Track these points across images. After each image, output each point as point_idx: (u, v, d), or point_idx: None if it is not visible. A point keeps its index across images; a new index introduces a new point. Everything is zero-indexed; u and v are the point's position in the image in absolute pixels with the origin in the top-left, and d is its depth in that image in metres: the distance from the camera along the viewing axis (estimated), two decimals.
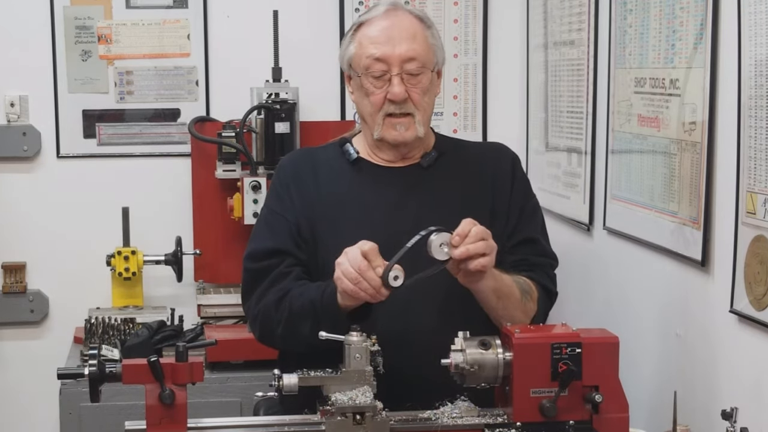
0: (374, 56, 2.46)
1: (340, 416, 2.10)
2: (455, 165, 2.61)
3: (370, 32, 2.49)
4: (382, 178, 2.57)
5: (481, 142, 2.75)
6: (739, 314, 2.37)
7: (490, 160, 2.64)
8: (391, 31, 2.48)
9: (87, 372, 2.07)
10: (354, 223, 2.50)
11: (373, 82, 2.48)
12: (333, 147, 2.67)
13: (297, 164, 2.64)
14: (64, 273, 4.07)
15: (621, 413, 2.14)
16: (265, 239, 2.56)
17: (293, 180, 2.60)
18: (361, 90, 2.53)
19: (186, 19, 4.07)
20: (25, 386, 4.09)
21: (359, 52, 2.50)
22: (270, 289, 2.48)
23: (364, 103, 2.53)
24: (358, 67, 2.51)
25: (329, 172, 2.60)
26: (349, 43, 2.54)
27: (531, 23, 3.99)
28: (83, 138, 4.07)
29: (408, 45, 2.47)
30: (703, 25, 2.55)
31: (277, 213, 2.58)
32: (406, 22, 2.50)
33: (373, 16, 2.52)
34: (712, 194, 2.53)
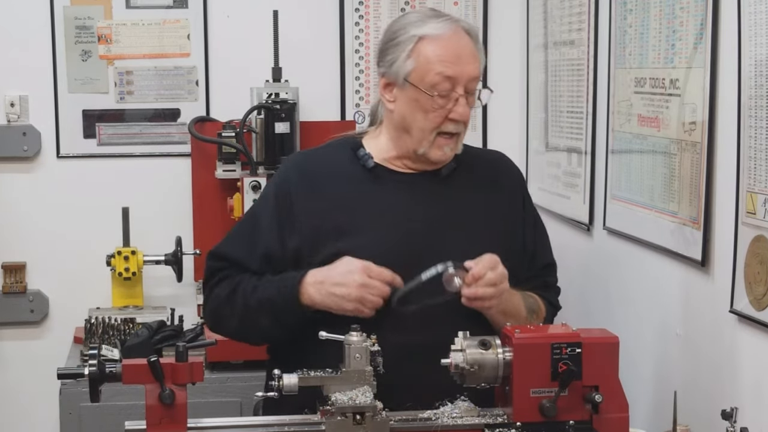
0: (444, 74, 2.41)
1: (340, 416, 2.10)
2: (471, 175, 2.59)
3: (437, 50, 2.42)
4: (400, 186, 2.54)
5: (484, 149, 2.73)
6: (739, 314, 2.37)
7: (502, 172, 2.66)
8: (460, 49, 2.44)
9: (87, 372, 2.07)
10: (371, 233, 2.48)
11: (437, 100, 2.43)
12: (343, 150, 2.59)
13: (304, 173, 2.57)
14: (64, 273, 4.07)
15: (621, 413, 2.14)
16: (233, 246, 2.58)
17: (299, 191, 2.53)
18: (414, 103, 2.45)
19: (186, 19, 4.07)
20: (25, 386, 4.09)
21: (425, 67, 2.42)
22: (220, 284, 2.56)
23: (416, 117, 2.46)
24: (419, 82, 2.43)
25: (343, 179, 2.54)
26: (407, 57, 2.44)
27: (531, 23, 3.99)
28: (83, 138, 4.07)
29: (474, 65, 2.45)
30: (703, 25, 2.55)
31: (256, 223, 2.56)
32: (467, 40, 2.47)
33: (438, 33, 2.44)
34: (712, 194, 2.53)
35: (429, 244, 2.44)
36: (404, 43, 2.46)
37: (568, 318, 2.44)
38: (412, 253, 2.41)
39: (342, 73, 4.14)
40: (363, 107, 4.16)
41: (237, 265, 2.55)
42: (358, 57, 4.13)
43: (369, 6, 4.12)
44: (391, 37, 2.49)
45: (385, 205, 2.51)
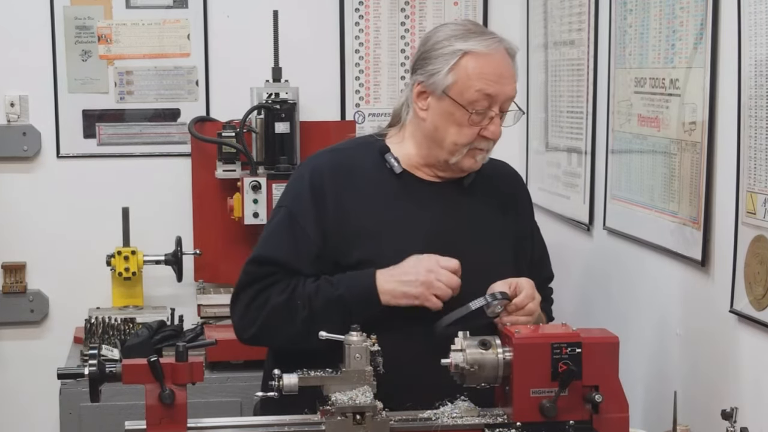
0: (485, 92, 2.41)
1: (340, 416, 2.10)
2: (488, 185, 2.61)
3: (480, 67, 2.42)
4: (425, 194, 2.54)
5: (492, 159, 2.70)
6: (739, 314, 2.37)
7: (512, 185, 2.69)
8: (501, 68, 2.44)
9: (87, 372, 2.06)
10: (395, 239, 2.47)
11: (474, 117, 2.43)
12: (372, 153, 2.56)
13: (337, 171, 2.53)
14: (64, 273, 4.07)
15: (621, 413, 2.14)
16: (277, 248, 2.49)
17: (331, 189, 2.50)
18: (449, 116, 2.44)
19: (186, 19, 4.07)
20: (25, 386, 4.09)
21: (466, 83, 2.41)
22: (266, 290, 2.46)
23: (449, 130, 2.45)
24: (459, 97, 2.42)
25: (372, 184, 2.53)
26: (449, 70, 2.42)
27: (531, 23, 3.99)
28: (83, 138, 4.08)
29: (512, 85, 2.47)
30: (703, 25, 2.55)
31: (298, 223, 2.49)
32: (509, 60, 2.48)
33: (483, 50, 2.43)
34: (712, 194, 2.53)
35: (451, 254, 2.44)
36: (448, 55, 2.44)
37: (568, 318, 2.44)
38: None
39: (342, 73, 4.14)
40: (363, 107, 4.16)
41: (286, 269, 2.47)
42: (358, 57, 4.13)
43: (369, 6, 4.12)
44: (434, 47, 2.47)
45: (410, 213, 2.51)
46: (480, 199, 2.58)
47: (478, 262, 2.47)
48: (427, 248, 2.44)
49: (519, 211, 2.66)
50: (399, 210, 2.51)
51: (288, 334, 2.45)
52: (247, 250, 3.85)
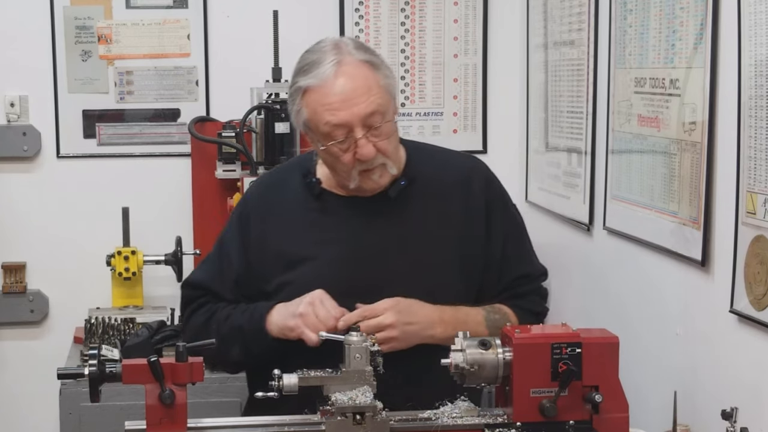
0: (332, 123, 2.33)
1: (340, 416, 2.10)
2: (424, 192, 2.50)
3: (322, 99, 2.33)
4: (347, 212, 2.49)
5: (451, 154, 2.63)
6: (739, 314, 2.37)
7: (464, 184, 2.54)
8: (345, 91, 2.32)
9: (87, 372, 2.06)
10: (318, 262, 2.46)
11: (337, 146, 2.35)
12: (296, 174, 2.55)
13: (262, 198, 2.56)
14: (64, 273, 4.07)
15: (621, 413, 2.14)
16: (205, 274, 2.59)
17: (257, 215, 2.53)
18: (324, 150, 2.40)
19: (186, 19, 4.07)
20: (25, 386, 4.09)
21: (314, 118, 2.36)
22: (196, 312, 2.56)
23: (329, 160, 2.42)
24: (316, 134, 2.38)
25: (293, 205, 2.52)
26: (299, 109, 2.39)
27: (531, 23, 3.99)
28: (83, 138, 4.08)
29: (366, 100, 2.33)
30: (703, 25, 2.55)
31: (225, 251, 2.56)
32: (358, 73, 2.34)
33: (319, 81, 2.34)
34: (712, 194, 2.53)
35: (377, 271, 2.42)
36: (294, 95, 2.40)
37: (568, 318, 2.44)
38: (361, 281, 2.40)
39: None
40: None
41: (211, 293, 2.55)
42: None
43: (369, 6, 4.12)
44: (290, 85, 2.44)
45: (332, 233, 2.48)
46: (411, 208, 2.49)
47: (407, 274, 2.43)
48: (345, 268, 2.41)
49: (468, 214, 2.52)
50: (318, 232, 2.49)
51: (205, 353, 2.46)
52: None
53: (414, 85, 4.17)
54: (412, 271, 2.45)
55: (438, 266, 2.47)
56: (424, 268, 2.46)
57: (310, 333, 2.33)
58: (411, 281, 2.43)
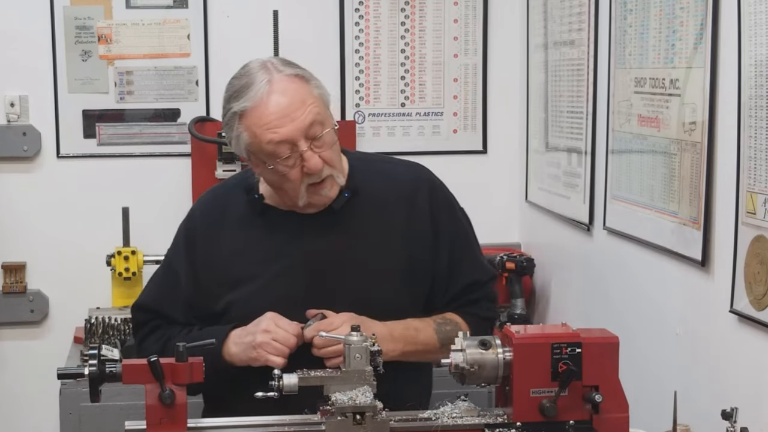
0: (275, 141, 2.30)
1: (340, 416, 2.10)
2: (368, 203, 2.48)
3: (260, 119, 2.31)
4: (292, 228, 2.46)
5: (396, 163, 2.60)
6: (739, 314, 2.37)
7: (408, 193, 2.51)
8: (280, 107, 2.31)
9: (87, 372, 2.06)
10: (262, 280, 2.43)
11: (284, 163, 2.32)
12: (240, 193, 2.52)
13: (207, 215, 2.52)
14: (64, 273, 4.07)
15: (621, 413, 2.14)
16: (154, 296, 2.54)
17: (202, 234, 2.50)
18: (270, 172, 2.37)
19: (186, 19, 4.07)
20: (25, 386, 4.09)
21: (255, 140, 2.32)
22: (149, 337, 2.51)
23: (276, 180, 2.38)
24: (260, 155, 2.34)
25: (238, 225, 2.48)
26: (238, 134, 2.34)
27: (531, 23, 3.99)
28: (83, 138, 4.08)
29: (303, 112, 2.31)
30: (703, 25, 2.55)
31: (173, 270, 2.52)
32: (290, 87, 2.33)
33: (254, 103, 2.31)
34: (712, 194, 2.53)
35: (324, 285, 2.40)
36: (230, 121, 2.37)
37: (568, 318, 2.44)
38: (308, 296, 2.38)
39: (342, 73, 4.14)
40: (363, 107, 4.16)
41: (161, 317, 2.51)
42: (358, 57, 4.13)
43: (369, 6, 4.12)
44: (223, 113, 2.40)
45: (277, 249, 2.45)
46: (355, 220, 2.46)
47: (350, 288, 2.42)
48: (292, 283, 2.39)
49: (412, 222, 2.48)
50: (264, 249, 2.45)
51: None
52: None
53: (414, 85, 4.17)
54: (358, 285, 2.43)
55: (383, 279, 2.45)
56: (369, 281, 2.44)
57: (275, 358, 2.31)
58: (357, 294, 2.41)
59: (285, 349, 2.31)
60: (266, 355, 2.32)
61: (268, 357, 2.31)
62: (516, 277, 3.85)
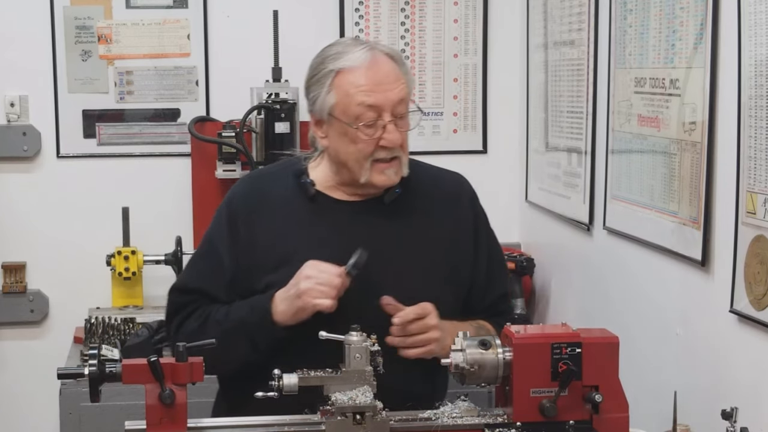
0: (366, 104, 2.35)
1: (340, 416, 2.10)
2: (418, 201, 2.51)
3: (356, 80, 2.37)
4: (341, 215, 2.48)
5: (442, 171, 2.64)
6: (739, 314, 2.37)
7: (452, 200, 2.55)
8: (379, 76, 2.38)
9: (87, 372, 2.06)
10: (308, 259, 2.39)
11: (365, 130, 2.36)
12: (288, 177, 2.54)
13: (250, 197, 2.53)
14: (64, 273, 4.07)
15: (621, 413, 2.14)
16: (196, 277, 2.54)
17: (244, 215, 2.50)
18: (343, 137, 2.40)
19: (186, 19, 4.07)
20: (25, 386, 4.09)
21: (345, 100, 2.37)
22: (188, 319, 2.50)
23: (348, 150, 2.40)
24: (344, 116, 2.38)
25: (284, 207, 2.50)
26: (327, 92, 2.40)
27: (531, 23, 3.99)
28: (83, 138, 4.08)
29: (397, 88, 2.38)
30: (703, 25, 2.55)
31: (214, 250, 2.52)
32: (388, 64, 2.40)
33: (354, 64, 2.39)
34: (712, 194, 2.53)
35: (369, 275, 2.38)
36: (323, 78, 2.41)
37: (568, 318, 2.44)
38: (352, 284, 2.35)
39: None
40: None
41: (205, 297, 2.50)
42: None
43: (369, 6, 4.12)
44: (312, 74, 2.45)
45: (323, 237, 2.46)
46: (403, 217, 2.49)
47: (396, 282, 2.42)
48: None
49: (456, 230, 2.52)
50: (311, 234, 2.46)
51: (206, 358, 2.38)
52: None
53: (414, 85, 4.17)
54: (402, 279, 2.44)
55: (428, 276, 2.46)
56: (414, 277, 2.45)
57: (321, 301, 2.30)
58: (401, 288, 2.40)
59: (331, 291, 2.30)
60: (312, 300, 2.30)
61: (315, 302, 2.30)
62: (516, 277, 3.85)
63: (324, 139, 2.46)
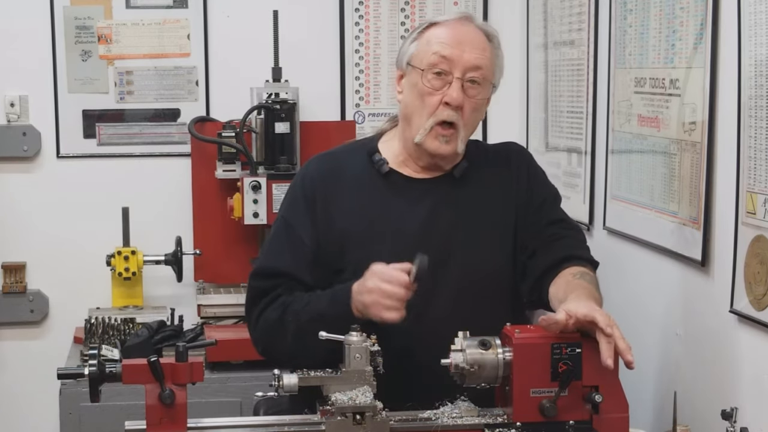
0: (440, 53, 2.42)
1: (340, 416, 2.10)
2: (483, 175, 2.56)
3: (440, 33, 2.46)
4: (414, 192, 2.51)
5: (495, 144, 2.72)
6: (739, 314, 2.37)
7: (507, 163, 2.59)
8: (462, 36, 2.45)
9: (87, 372, 2.07)
10: (385, 240, 2.45)
11: (433, 81, 2.42)
12: (360, 155, 2.56)
13: (325, 176, 2.54)
14: (64, 273, 4.07)
15: (621, 413, 2.14)
16: (277, 259, 2.50)
17: (321, 194, 2.51)
18: (414, 88, 2.46)
19: (186, 19, 4.07)
20: (25, 386, 4.09)
21: (425, 48, 2.45)
22: (270, 306, 2.47)
23: (415, 103, 2.46)
24: (419, 63, 2.45)
25: (359, 186, 2.52)
26: (413, 41, 2.49)
27: (531, 23, 3.99)
28: (83, 138, 4.08)
29: (475, 54, 2.43)
30: (703, 25, 2.55)
31: (294, 231, 2.50)
32: (477, 35, 2.47)
33: (445, 19, 2.50)
34: (712, 194, 2.53)
35: (445, 249, 2.43)
36: (416, 31, 2.52)
37: None
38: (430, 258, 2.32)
39: (342, 73, 4.14)
40: (363, 107, 4.16)
41: (289, 280, 2.47)
42: (358, 57, 4.13)
43: (369, 6, 4.12)
44: (411, 33, 2.55)
45: (399, 213, 2.49)
46: (474, 190, 2.53)
47: (469, 257, 2.46)
48: (417, 248, 2.34)
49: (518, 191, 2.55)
50: (387, 211, 2.50)
51: (282, 349, 2.44)
52: (247, 250, 3.88)
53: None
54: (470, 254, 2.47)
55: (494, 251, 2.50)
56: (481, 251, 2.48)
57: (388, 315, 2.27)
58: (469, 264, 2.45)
59: (396, 303, 2.27)
60: (380, 314, 2.28)
61: (382, 315, 2.28)
62: None
63: (399, 95, 2.53)
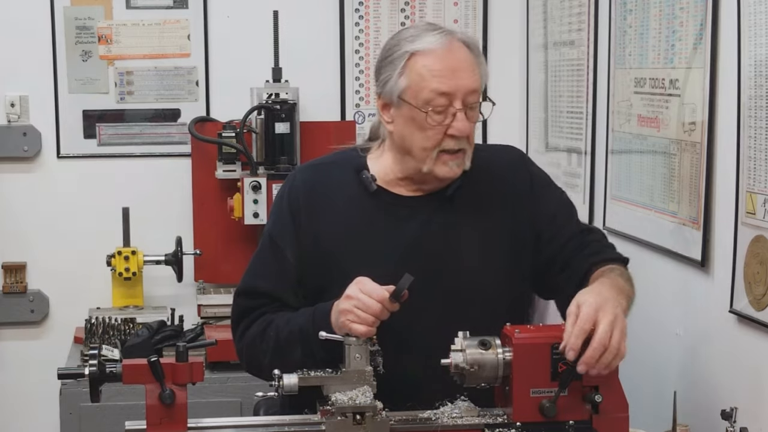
0: (439, 90, 2.29)
1: (340, 416, 2.10)
2: (477, 188, 2.46)
3: (431, 64, 2.31)
4: (403, 211, 2.43)
5: (493, 148, 2.63)
6: (738, 314, 2.37)
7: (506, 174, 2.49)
8: (455, 63, 2.32)
9: (87, 372, 2.07)
10: (371, 261, 2.38)
11: (434, 117, 2.30)
12: (348, 170, 2.47)
13: (311, 189, 2.47)
14: (64, 273, 4.07)
15: (621, 413, 2.14)
16: (262, 279, 2.46)
17: (306, 208, 2.45)
18: (411, 122, 2.34)
19: (186, 19, 4.07)
20: (25, 386, 4.09)
21: (418, 83, 2.31)
22: (254, 323, 2.43)
23: (414, 137, 2.34)
24: (414, 100, 2.31)
25: (346, 202, 2.44)
26: (400, 74, 2.33)
27: (531, 23, 3.99)
28: (83, 138, 4.08)
29: (471, 78, 2.33)
30: (703, 25, 2.55)
31: (279, 248, 2.44)
32: (463, 52, 2.34)
33: (430, 47, 2.32)
34: (712, 194, 2.53)
35: (434, 270, 2.37)
36: (397, 60, 2.34)
37: None
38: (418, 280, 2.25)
39: (342, 73, 4.14)
40: (363, 107, 4.16)
41: (274, 300, 2.44)
42: (358, 57, 4.13)
43: (369, 6, 4.12)
44: (386, 55, 2.39)
45: (385, 233, 2.42)
46: (466, 208, 2.44)
47: (460, 279, 2.39)
48: (404, 268, 2.26)
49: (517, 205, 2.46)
50: (372, 230, 2.42)
51: (261, 364, 2.39)
52: (248, 250, 3.86)
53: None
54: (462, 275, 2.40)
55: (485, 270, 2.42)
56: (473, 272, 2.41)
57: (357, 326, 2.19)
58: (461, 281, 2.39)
59: (368, 317, 2.19)
60: (349, 324, 2.21)
61: (351, 326, 2.20)
62: None
63: (390, 124, 2.40)
